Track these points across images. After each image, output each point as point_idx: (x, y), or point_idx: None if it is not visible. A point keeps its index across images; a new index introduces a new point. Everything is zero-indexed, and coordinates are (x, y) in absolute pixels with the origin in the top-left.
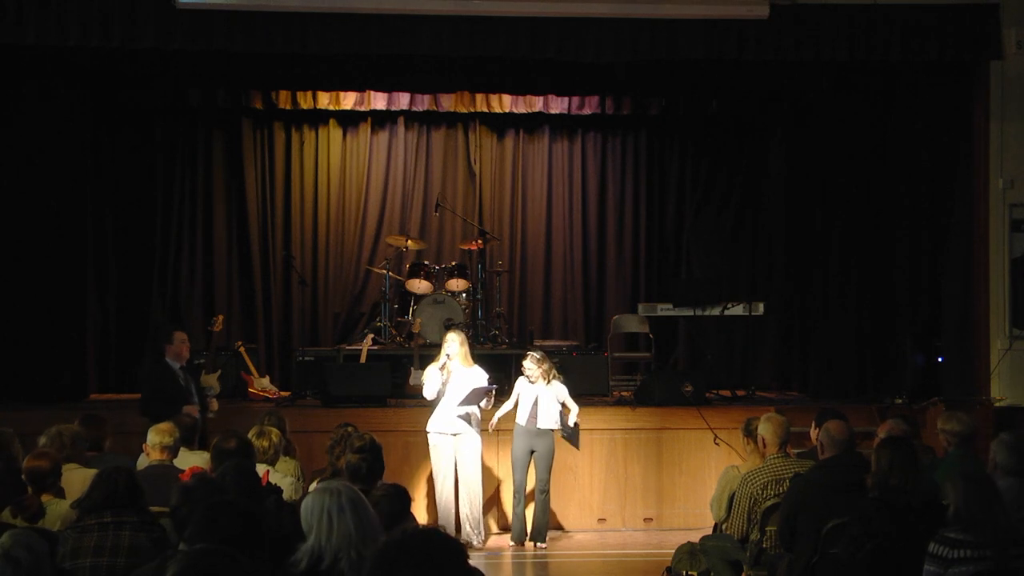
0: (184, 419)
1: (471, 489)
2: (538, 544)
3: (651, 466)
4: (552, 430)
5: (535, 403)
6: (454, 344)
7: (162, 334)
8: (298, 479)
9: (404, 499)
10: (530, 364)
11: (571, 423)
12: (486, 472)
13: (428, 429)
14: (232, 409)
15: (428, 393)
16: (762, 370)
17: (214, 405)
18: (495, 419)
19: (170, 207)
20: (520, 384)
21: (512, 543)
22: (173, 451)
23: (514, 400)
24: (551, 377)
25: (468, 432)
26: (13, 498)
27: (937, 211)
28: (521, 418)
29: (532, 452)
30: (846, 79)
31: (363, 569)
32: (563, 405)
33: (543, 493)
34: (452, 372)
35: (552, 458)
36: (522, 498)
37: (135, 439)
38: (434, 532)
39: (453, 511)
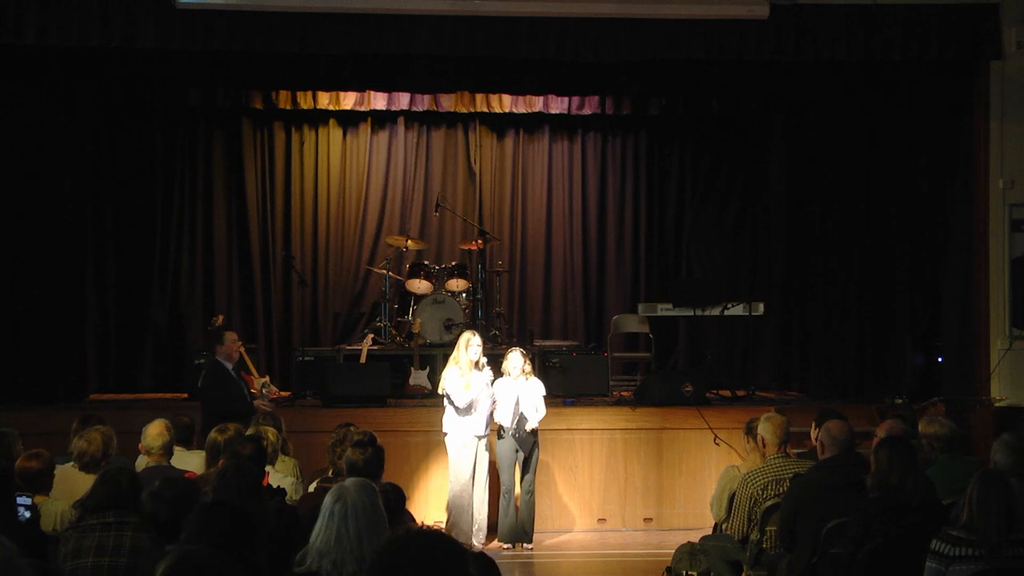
0: (180, 419)
1: (484, 491)
2: (524, 545)
3: (651, 466)
4: (536, 430)
5: (517, 403)
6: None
7: (215, 335)
8: (297, 478)
9: (399, 498)
10: (516, 357)
11: (529, 428)
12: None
13: (451, 430)
14: None
15: (461, 402)
16: (762, 370)
17: (271, 392)
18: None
19: (170, 207)
20: (500, 385)
21: (503, 544)
22: (167, 451)
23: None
24: (530, 374)
25: (486, 436)
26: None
27: (937, 211)
28: (504, 420)
29: (517, 452)
30: (846, 79)
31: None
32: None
33: (528, 494)
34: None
35: (538, 458)
36: (511, 499)
37: (136, 439)
38: (437, 534)
39: (468, 512)
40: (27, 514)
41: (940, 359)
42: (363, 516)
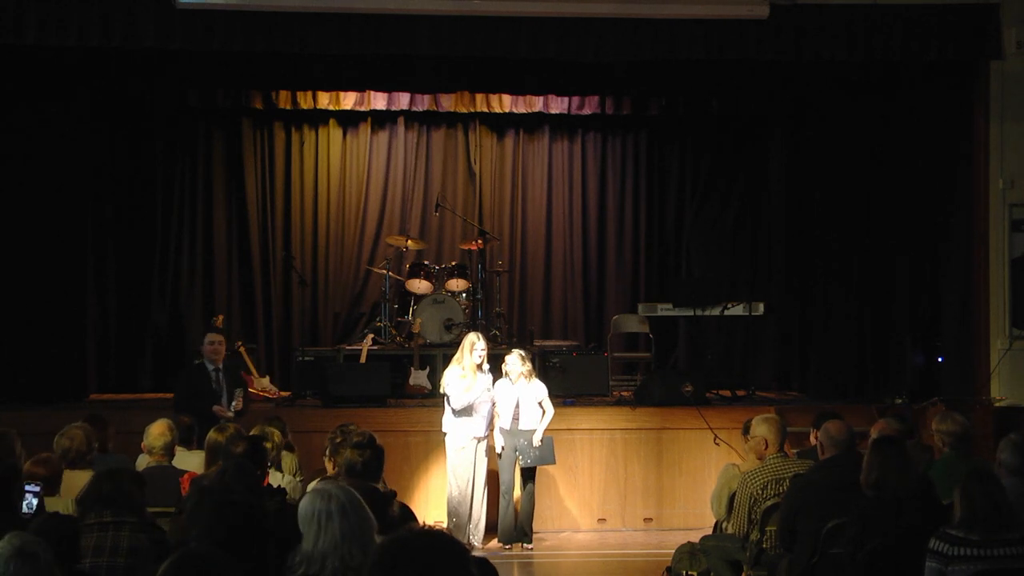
0: (181, 419)
1: (483, 491)
2: (524, 545)
3: (651, 466)
4: (535, 430)
5: (517, 405)
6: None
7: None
8: (296, 476)
9: (399, 505)
10: (515, 360)
11: (537, 440)
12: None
13: (451, 431)
14: None
15: (458, 404)
16: (762, 370)
17: (239, 404)
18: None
19: (170, 207)
20: (499, 386)
21: (501, 544)
22: (169, 451)
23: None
24: (532, 376)
25: (485, 438)
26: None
27: (937, 211)
28: (504, 421)
29: (517, 452)
30: (846, 79)
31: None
32: (539, 405)
33: (528, 494)
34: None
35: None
36: (511, 499)
37: (136, 439)
38: (437, 534)
39: (468, 513)
40: (35, 501)
41: (940, 359)
42: (355, 517)
